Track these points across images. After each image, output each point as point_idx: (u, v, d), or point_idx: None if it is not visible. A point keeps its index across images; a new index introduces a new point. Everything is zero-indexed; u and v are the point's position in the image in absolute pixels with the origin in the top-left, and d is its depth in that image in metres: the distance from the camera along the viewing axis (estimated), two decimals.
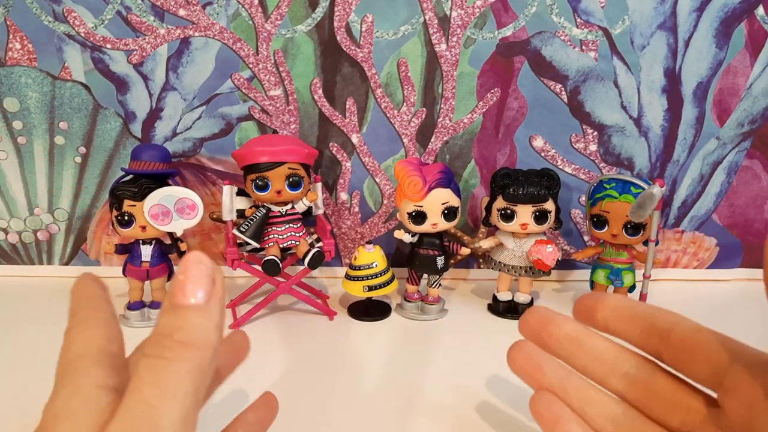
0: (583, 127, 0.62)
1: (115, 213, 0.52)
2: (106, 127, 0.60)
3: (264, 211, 0.53)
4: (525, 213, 0.54)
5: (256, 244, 0.53)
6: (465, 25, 0.58)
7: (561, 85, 0.60)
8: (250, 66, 0.59)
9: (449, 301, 0.60)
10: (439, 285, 0.57)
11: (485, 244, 0.58)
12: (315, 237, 0.57)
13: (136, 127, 0.60)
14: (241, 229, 0.52)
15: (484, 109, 0.61)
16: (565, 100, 0.61)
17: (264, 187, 0.51)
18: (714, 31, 0.58)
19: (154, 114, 0.60)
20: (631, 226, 0.53)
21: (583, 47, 0.59)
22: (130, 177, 0.52)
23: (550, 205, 0.55)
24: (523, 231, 0.55)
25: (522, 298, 0.58)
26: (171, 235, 0.54)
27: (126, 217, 0.51)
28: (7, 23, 0.56)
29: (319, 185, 0.57)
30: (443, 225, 0.54)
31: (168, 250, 0.55)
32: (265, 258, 0.51)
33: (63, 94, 0.59)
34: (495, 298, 0.59)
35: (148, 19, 0.57)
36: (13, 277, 0.65)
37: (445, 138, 0.62)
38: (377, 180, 0.64)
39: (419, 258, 0.56)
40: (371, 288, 0.55)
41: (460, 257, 0.64)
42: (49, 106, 0.59)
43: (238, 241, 0.53)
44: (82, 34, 0.57)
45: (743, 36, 0.59)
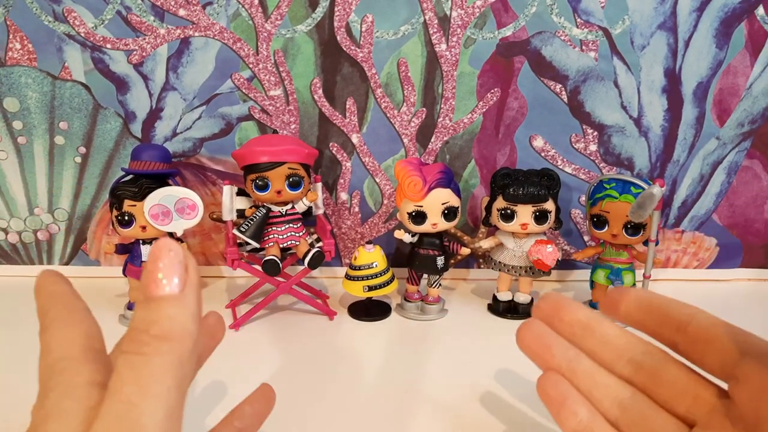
0: (583, 127, 0.62)
1: (115, 213, 0.52)
2: (106, 127, 0.60)
3: (264, 211, 0.53)
4: (525, 213, 0.54)
5: (256, 244, 0.53)
6: (465, 25, 0.58)
7: (561, 85, 0.60)
8: (250, 66, 0.59)
9: (449, 301, 0.60)
10: (439, 285, 0.57)
11: (485, 244, 0.59)
12: (315, 237, 0.57)
13: (136, 127, 0.60)
14: (241, 229, 0.52)
15: (484, 109, 0.61)
16: (565, 100, 0.60)
17: (264, 187, 0.51)
18: (714, 31, 0.58)
19: (154, 114, 0.60)
20: (631, 226, 0.53)
21: (583, 47, 0.59)
22: (131, 177, 0.52)
23: (550, 205, 0.55)
24: (523, 231, 0.55)
25: (522, 298, 0.58)
26: (171, 235, 0.54)
27: (126, 217, 0.51)
28: (7, 23, 0.56)
29: (319, 185, 0.57)
30: (443, 225, 0.54)
31: None
32: (265, 258, 0.51)
33: (63, 94, 0.59)
34: (495, 298, 0.59)
35: (148, 19, 0.57)
36: (13, 277, 0.65)
37: (445, 138, 0.62)
38: (377, 180, 0.64)
39: (419, 258, 0.56)
40: (371, 288, 0.55)
41: (460, 257, 0.64)
42: (49, 106, 0.59)
43: (238, 241, 0.53)
44: (82, 34, 0.57)
45: (743, 36, 0.59)
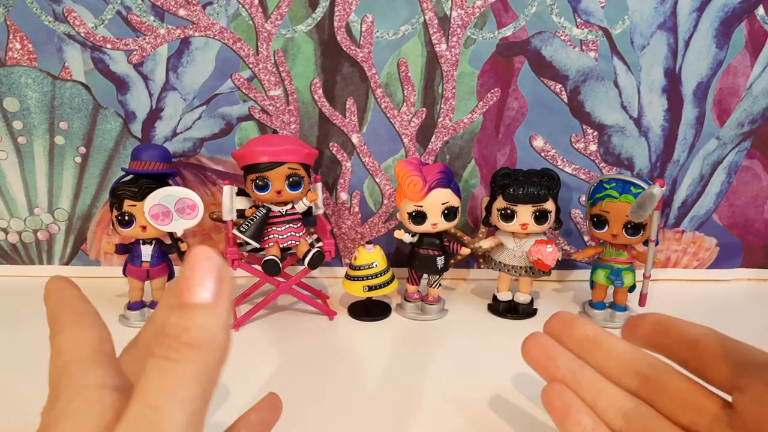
0: (583, 127, 0.62)
1: (115, 213, 0.52)
2: (106, 127, 0.60)
3: (264, 211, 0.53)
4: (525, 213, 0.54)
5: (256, 244, 0.53)
6: (465, 25, 0.58)
7: (561, 85, 0.60)
8: (250, 66, 0.59)
9: (449, 301, 0.60)
10: (439, 285, 0.57)
11: (485, 244, 0.59)
12: (315, 237, 0.57)
13: (136, 127, 0.60)
14: (241, 229, 0.52)
15: (484, 109, 0.61)
16: (565, 100, 0.60)
17: (264, 187, 0.51)
18: (714, 31, 0.58)
19: (154, 114, 0.60)
20: (631, 226, 0.53)
21: (583, 47, 0.59)
22: (131, 177, 0.52)
23: (550, 205, 0.55)
24: (523, 231, 0.55)
25: (522, 298, 0.58)
26: (171, 235, 0.54)
27: (126, 217, 0.51)
28: (7, 23, 0.56)
29: (319, 185, 0.57)
30: (443, 225, 0.54)
31: (168, 250, 0.55)
32: (265, 258, 0.51)
33: (63, 94, 0.59)
34: (495, 298, 0.59)
35: (148, 19, 0.57)
36: (13, 277, 0.65)
37: (445, 138, 0.62)
38: (377, 180, 0.64)
39: (419, 258, 0.56)
40: (371, 288, 0.55)
41: (460, 257, 0.64)
42: (49, 106, 0.59)
43: (238, 241, 0.53)
44: (82, 34, 0.57)
45: (743, 36, 0.59)
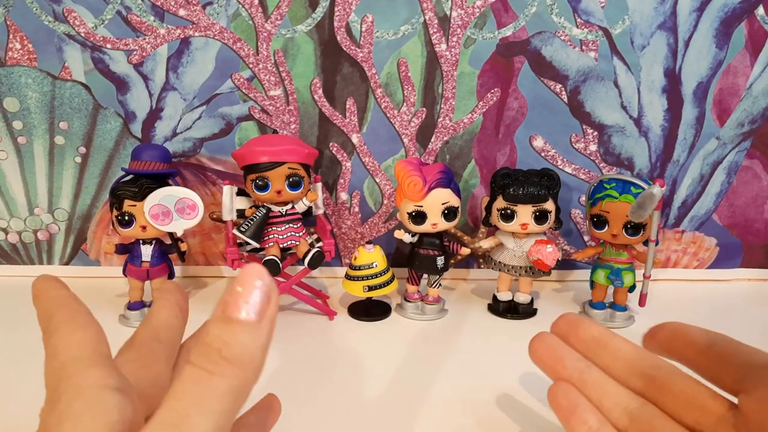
0: (583, 127, 0.62)
1: (115, 213, 0.52)
2: (106, 127, 0.60)
3: (264, 211, 0.53)
4: (525, 213, 0.54)
5: (256, 244, 0.53)
6: (465, 25, 0.58)
7: (561, 85, 0.60)
8: (250, 66, 0.59)
9: (449, 301, 0.60)
10: (439, 285, 0.57)
11: (485, 244, 0.58)
12: (315, 237, 0.57)
13: (136, 127, 0.60)
14: (241, 229, 0.52)
15: (484, 109, 0.61)
16: (565, 100, 0.60)
17: (264, 187, 0.51)
18: (714, 31, 0.58)
19: (154, 114, 0.60)
20: (631, 226, 0.53)
21: (583, 47, 0.59)
22: (131, 177, 0.52)
23: (550, 205, 0.55)
24: (523, 231, 0.55)
25: (522, 298, 0.58)
26: (171, 235, 0.54)
27: (126, 217, 0.51)
28: (7, 23, 0.56)
29: (319, 185, 0.57)
30: (443, 225, 0.54)
31: (168, 250, 0.55)
32: (265, 258, 0.51)
33: (63, 94, 0.59)
34: (495, 298, 0.59)
35: (148, 19, 0.57)
36: (13, 277, 0.65)
37: (445, 138, 0.62)
38: (377, 180, 0.64)
39: (419, 258, 0.56)
40: (371, 288, 0.55)
41: (460, 257, 0.64)
42: (49, 106, 0.59)
43: (238, 241, 0.53)
44: (82, 34, 0.57)
45: (743, 36, 0.59)
